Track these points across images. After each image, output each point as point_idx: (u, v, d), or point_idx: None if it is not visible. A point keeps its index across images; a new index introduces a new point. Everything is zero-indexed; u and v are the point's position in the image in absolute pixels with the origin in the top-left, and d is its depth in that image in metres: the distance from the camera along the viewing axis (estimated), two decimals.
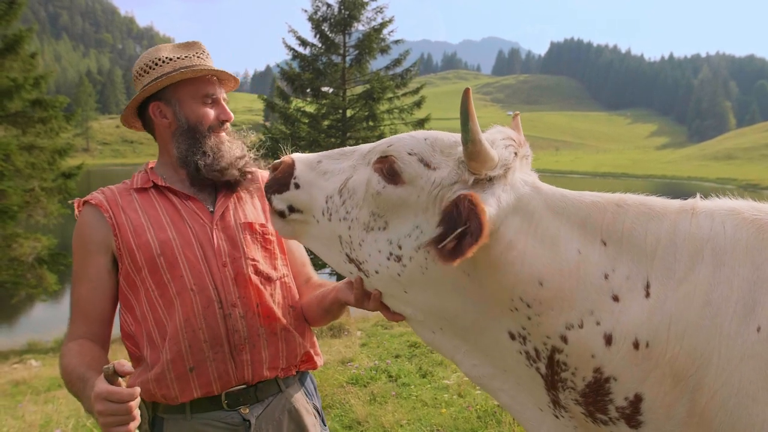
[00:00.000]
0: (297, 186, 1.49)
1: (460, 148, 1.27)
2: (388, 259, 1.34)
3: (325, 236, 1.46)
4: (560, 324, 1.22)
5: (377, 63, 20.35)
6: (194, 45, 1.91)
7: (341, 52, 19.18)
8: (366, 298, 1.49)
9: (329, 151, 1.54)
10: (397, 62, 19.42)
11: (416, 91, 19.41)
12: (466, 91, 1.17)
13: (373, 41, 18.82)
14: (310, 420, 1.85)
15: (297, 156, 1.54)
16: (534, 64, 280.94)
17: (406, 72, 19.50)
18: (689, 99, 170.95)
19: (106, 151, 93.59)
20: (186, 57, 1.84)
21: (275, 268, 1.88)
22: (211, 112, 1.85)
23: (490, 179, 1.25)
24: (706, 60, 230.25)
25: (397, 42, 19.47)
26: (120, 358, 1.42)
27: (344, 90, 19.09)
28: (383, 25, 19.05)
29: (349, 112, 18.94)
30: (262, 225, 1.89)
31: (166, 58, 1.83)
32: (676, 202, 1.23)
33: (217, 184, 1.88)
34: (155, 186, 1.85)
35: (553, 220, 1.25)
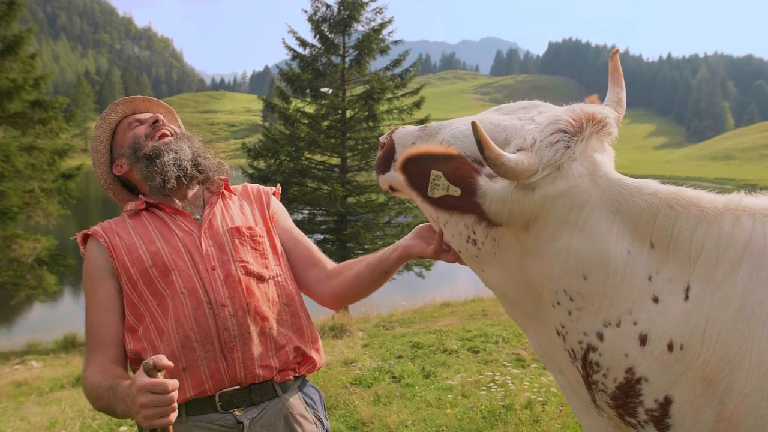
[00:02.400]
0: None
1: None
2: (467, 241, 1.46)
3: (424, 211, 1.60)
4: (599, 320, 1.24)
5: (377, 63, 20.36)
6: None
7: (341, 52, 19.18)
8: (445, 250, 1.66)
9: (421, 129, 1.62)
10: (396, 63, 19.42)
11: (416, 91, 19.40)
12: (474, 124, 1.19)
13: (372, 42, 18.82)
14: (309, 428, 1.84)
15: (397, 136, 1.65)
16: (532, 65, 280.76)
17: (406, 72, 19.50)
18: (687, 99, 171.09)
19: None
20: (100, 124, 2.04)
21: (267, 268, 1.92)
22: (141, 128, 2.00)
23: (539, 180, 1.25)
24: (705, 60, 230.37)
25: (396, 42, 19.47)
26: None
27: (344, 90, 19.08)
28: (383, 25, 19.05)
29: (348, 113, 18.93)
30: (249, 228, 1.95)
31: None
32: (723, 200, 1.22)
33: (204, 195, 1.99)
34: (147, 208, 1.93)
35: (607, 217, 1.25)
